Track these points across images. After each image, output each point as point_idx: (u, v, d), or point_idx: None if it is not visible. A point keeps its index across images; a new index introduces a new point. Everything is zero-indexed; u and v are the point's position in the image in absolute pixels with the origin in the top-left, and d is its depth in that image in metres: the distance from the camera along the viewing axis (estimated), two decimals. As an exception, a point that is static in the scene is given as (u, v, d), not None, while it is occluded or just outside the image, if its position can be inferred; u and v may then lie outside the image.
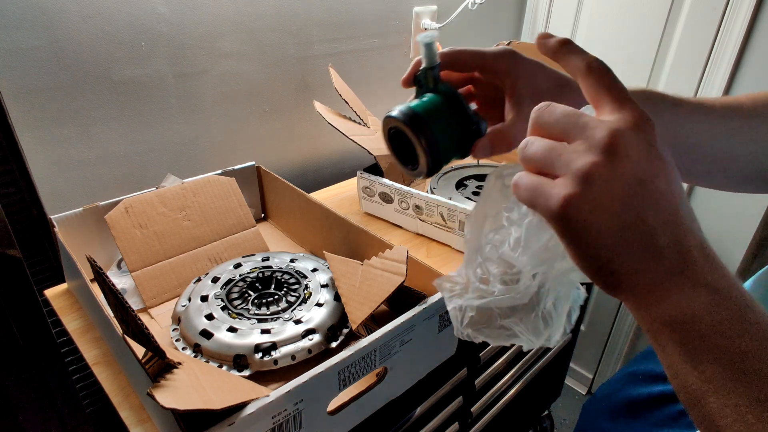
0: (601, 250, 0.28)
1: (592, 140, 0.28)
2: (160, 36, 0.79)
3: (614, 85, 0.29)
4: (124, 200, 0.69)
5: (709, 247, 0.28)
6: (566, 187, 0.27)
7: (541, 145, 0.29)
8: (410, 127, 0.36)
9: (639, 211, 0.27)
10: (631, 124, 0.28)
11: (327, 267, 0.70)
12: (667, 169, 0.28)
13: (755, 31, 1.02)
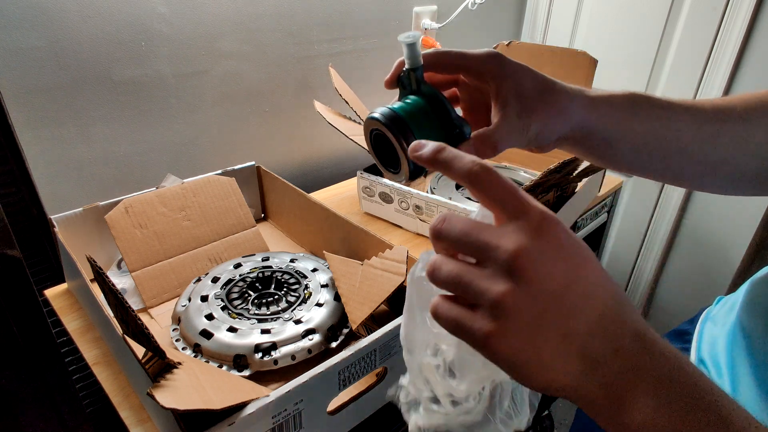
0: (538, 375, 0.27)
1: (496, 265, 0.26)
2: (160, 36, 0.79)
3: (502, 188, 0.27)
4: (124, 200, 0.69)
5: (644, 333, 0.27)
6: (484, 323, 0.26)
7: (448, 273, 0.28)
8: (392, 130, 0.34)
9: (563, 329, 0.26)
10: (533, 231, 0.26)
11: (327, 267, 0.70)
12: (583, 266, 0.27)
13: (755, 31, 1.02)
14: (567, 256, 0.26)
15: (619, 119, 0.42)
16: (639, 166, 0.45)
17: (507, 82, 0.38)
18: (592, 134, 0.42)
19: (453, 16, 1.13)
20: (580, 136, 0.42)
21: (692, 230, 1.26)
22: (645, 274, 1.38)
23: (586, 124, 0.41)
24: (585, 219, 0.99)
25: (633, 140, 0.43)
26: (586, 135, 0.42)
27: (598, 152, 0.44)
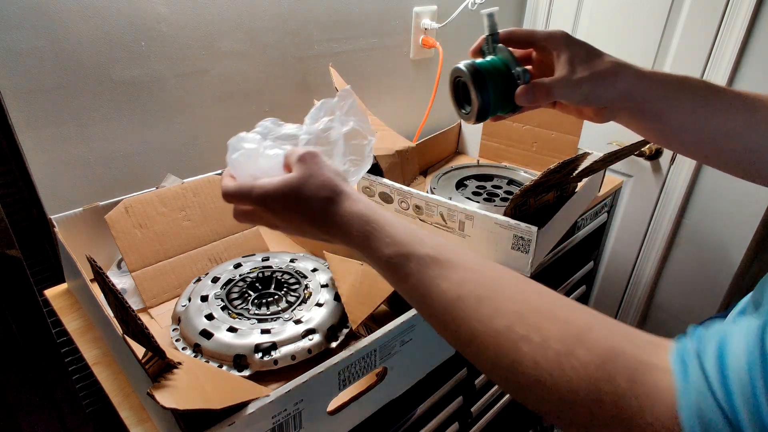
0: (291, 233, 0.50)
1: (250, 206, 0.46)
2: (160, 36, 0.79)
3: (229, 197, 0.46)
4: (124, 200, 0.69)
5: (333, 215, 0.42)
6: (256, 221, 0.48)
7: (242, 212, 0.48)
8: (472, 80, 0.46)
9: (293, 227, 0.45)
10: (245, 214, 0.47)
11: (327, 267, 0.70)
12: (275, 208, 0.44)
13: (755, 31, 1.02)
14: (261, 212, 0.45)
15: (667, 94, 0.47)
16: (689, 144, 0.50)
17: (564, 51, 0.47)
18: (641, 105, 0.47)
19: (453, 16, 1.13)
20: (631, 105, 0.47)
21: (692, 230, 1.26)
22: (645, 274, 1.38)
23: (634, 94, 0.47)
24: (585, 219, 0.99)
25: (681, 116, 0.47)
26: (635, 105, 0.47)
27: (649, 125, 0.49)
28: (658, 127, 0.49)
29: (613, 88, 0.46)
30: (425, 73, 1.22)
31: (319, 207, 0.42)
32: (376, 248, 0.40)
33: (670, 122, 0.48)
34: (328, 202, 0.42)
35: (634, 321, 1.45)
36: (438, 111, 1.31)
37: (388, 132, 0.95)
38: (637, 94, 0.47)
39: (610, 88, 0.46)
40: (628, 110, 0.48)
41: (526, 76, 0.46)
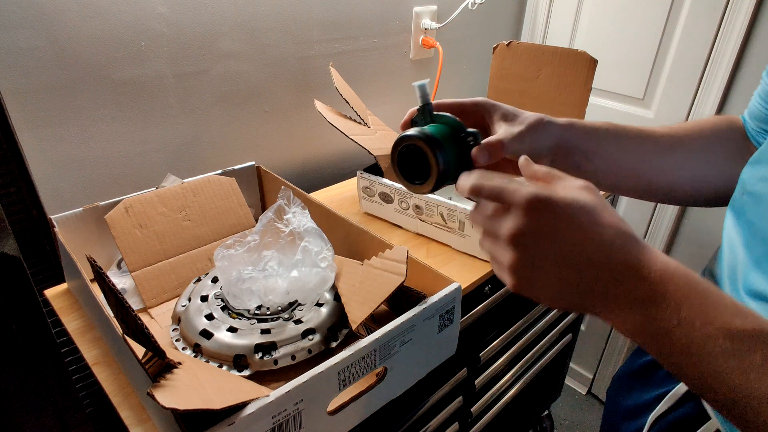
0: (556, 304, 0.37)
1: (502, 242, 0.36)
2: (160, 36, 0.79)
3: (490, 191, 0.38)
4: (124, 200, 0.69)
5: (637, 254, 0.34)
6: (508, 280, 0.37)
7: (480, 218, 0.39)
8: (429, 146, 0.43)
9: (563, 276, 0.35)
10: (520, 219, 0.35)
11: (327, 267, 0.70)
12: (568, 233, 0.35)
13: (755, 31, 1.02)
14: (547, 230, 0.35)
15: (591, 136, 0.51)
16: (615, 182, 0.54)
17: (496, 112, 0.49)
18: (572, 149, 0.51)
19: (453, 16, 1.13)
20: (564, 150, 0.50)
21: (692, 230, 1.26)
22: (645, 274, 1.37)
23: (565, 138, 0.50)
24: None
25: (605, 159, 0.52)
26: (568, 149, 0.50)
27: (581, 167, 0.52)
28: (590, 168, 0.52)
29: (548, 135, 0.49)
30: (425, 73, 1.22)
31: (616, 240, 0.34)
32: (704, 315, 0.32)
33: (597, 163, 0.52)
34: (630, 240, 0.35)
35: (634, 321, 1.45)
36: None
37: (388, 132, 0.95)
38: (568, 139, 0.50)
39: (546, 136, 0.49)
40: (562, 155, 0.51)
41: (479, 137, 0.45)
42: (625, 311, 0.34)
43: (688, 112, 1.16)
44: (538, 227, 0.34)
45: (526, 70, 0.98)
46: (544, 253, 0.35)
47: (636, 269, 0.34)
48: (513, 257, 0.36)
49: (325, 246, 0.63)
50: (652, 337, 0.34)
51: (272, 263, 0.63)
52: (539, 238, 0.35)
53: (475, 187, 0.39)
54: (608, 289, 0.34)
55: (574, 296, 0.35)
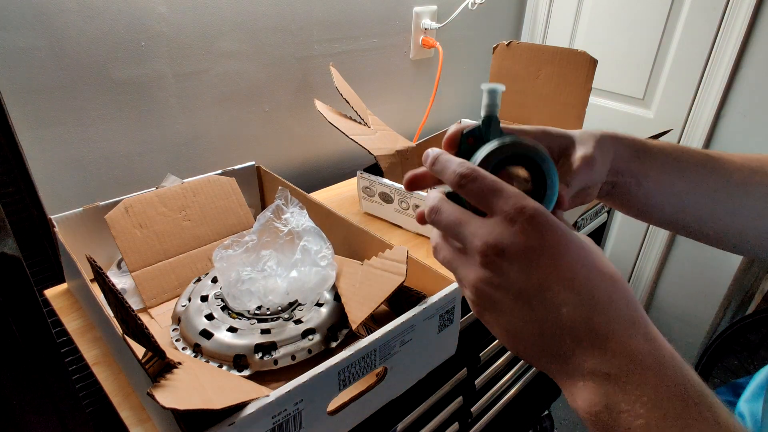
0: (507, 344, 0.31)
1: (473, 256, 0.30)
2: (160, 36, 0.79)
3: (480, 189, 0.30)
4: (124, 200, 0.69)
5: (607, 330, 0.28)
6: (467, 294, 0.32)
7: (443, 258, 0.33)
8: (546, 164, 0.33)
9: (524, 314, 0.29)
10: (503, 229, 0.29)
11: (327, 267, 0.70)
12: (547, 265, 0.28)
13: (755, 31, 1.02)
14: (529, 254, 0.28)
15: (648, 155, 0.42)
16: (671, 215, 0.45)
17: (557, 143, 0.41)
18: (622, 169, 0.42)
19: (453, 16, 1.13)
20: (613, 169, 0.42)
21: (692, 230, 1.26)
22: (645, 274, 1.38)
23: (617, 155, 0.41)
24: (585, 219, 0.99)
25: (664, 185, 0.43)
26: (617, 169, 0.42)
27: (630, 191, 0.43)
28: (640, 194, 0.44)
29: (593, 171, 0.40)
30: (425, 73, 1.22)
31: (604, 284, 0.28)
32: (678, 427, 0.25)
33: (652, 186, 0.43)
34: (624, 294, 0.29)
35: (634, 321, 1.45)
36: (438, 111, 1.31)
37: (388, 132, 0.95)
38: (621, 154, 0.42)
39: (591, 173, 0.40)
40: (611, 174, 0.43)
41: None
42: (584, 383, 0.28)
43: (688, 112, 1.16)
44: (525, 247, 0.28)
45: (526, 70, 0.98)
46: (516, 284, 0.29)
47: (617, 337, 0.27)
48: (481, 275, 0.30)
49: (324, 245, 0.63)
50: (604, 429, 0.27)
51: (271, 263, 0.63)
52: (515, 261, 0.28)
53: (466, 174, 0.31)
54: (573, 351, 0.28)
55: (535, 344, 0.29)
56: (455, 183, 0.31)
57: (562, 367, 0.29)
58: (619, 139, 0.41)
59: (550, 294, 0.28)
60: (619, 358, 0.27)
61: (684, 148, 0.43)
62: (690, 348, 1.37)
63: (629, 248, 1.39)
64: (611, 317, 0.28)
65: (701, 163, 0.43)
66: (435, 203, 0.33)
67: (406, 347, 0.57)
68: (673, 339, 1.40)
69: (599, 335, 0.27)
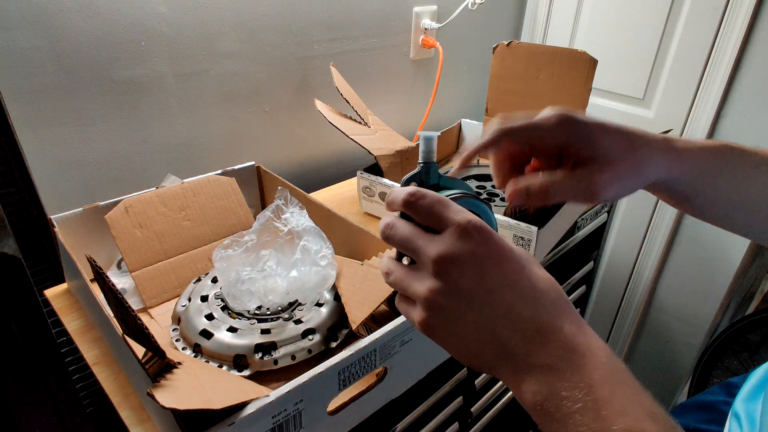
0: (464, 356, 0.33)
1: (425, 267, 0.32)
2: (160, 36, 0.79)
3: (428, 209, 0.33)
4: (124, 200, 0.69)
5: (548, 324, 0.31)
6: (418, 314, 0.33)
7: (395, 278, 0.35)
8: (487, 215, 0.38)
9: (474, 318, 0.31)
10: (452, 240, 0.31)
11: (327, 267, 0.70)
12: (493, 267, 0.31)
13: (755, 31, 1.02)
14: (477, 259, 0.31)
15: (704, 174, 0.41)
16: (719, 218, 0.45)
17: (583, 146, 0.38)
18: (673, 187, 0.41)
19: (453, 16, 1.13)
20: (659, 187, 0.42)
21: (692, 230, 1.26)
22: (645, 274, 1.38)
23: (668, 178, 0.40)
24: (585, 219, 0.99)
25: (715, 195, 0.42)
26: (666, 187, 0.42)
27: (676, 201, 0.44)
28: (687, 204, 0.44)
29: (645, 178, 0.39)
30: (425, 73, 1.22)
31: (543, 285, 0.32)
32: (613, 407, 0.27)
33: (701, 202, 0.43)
34: (563, 300, 0.32)
35: (634, 321, 1.45)
36: (438, 111, 1.31)
37: (388, 132, 0.95)
38: (671, 178, 0.40)
39: (639, 180, 0.39)
40: (652, 189, 0.43)
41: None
42: (530, 376, 0.30)
43: (688, 112, 1.16)
44: (475, 254, 0.31)
45: (526, 70, 0.98)
46: (468, 289, 0.31)
47: (558, 331, 0.30)
48: (433, 285, 0.32)
49: (324, 245, 0.63)
50: (548, 417, 0.29)
51: (270, 263, 0.63)
52: (467, 267, 0.31)
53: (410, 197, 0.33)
54: (520, 347, 0.30)
55: (486, 348, 0.32)
56: (405, 202, 0.34)
57: (511, 365, 0.31)
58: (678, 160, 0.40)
59: (500, 296, 0.31)
60: (560, 350, 0.30)
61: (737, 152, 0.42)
62: (690, 348, 1.37)
63: (629, 248, 1.39)
64: (553, 314, 0.31)
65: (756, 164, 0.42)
66: (390, 220, 0.35)
67: (406, 347, 0.57)
68: (673, 339, 1.40)
69: (543, 331, 0.31)
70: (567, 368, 0.29)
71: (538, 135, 0.38)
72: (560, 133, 0.38)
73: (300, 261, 0.61)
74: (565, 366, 0.29)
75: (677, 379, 1.42)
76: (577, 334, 0.30)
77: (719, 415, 0.61)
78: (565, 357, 0.29)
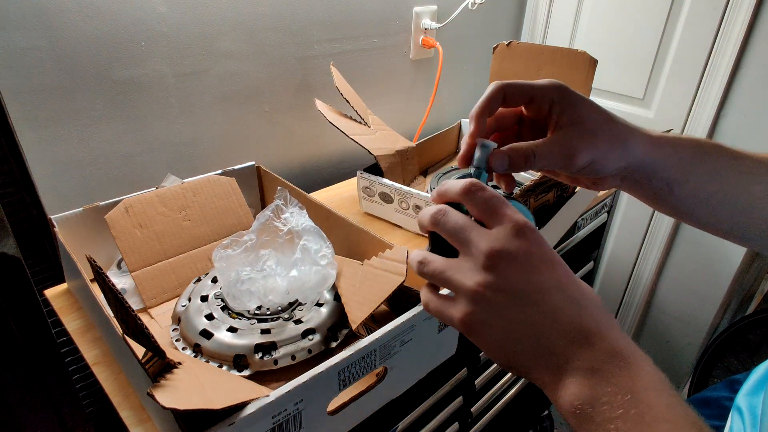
0: (497, 353, 0.33)
1: (475, 260, 0.32)
2: (160, 36, 0.79)
3: (486, 201, 0.33)
4: (124, 200, 0.69)
5: (595, 328, 0.31)
6: (461, 308, 0.33)
7: (433, 269, 0.34)
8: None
9: (522, 316, 0.31)
10: (506, 236, 0.32)
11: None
12: (545, 269, 0.32)
13: (755, 31, 1.02)
14: (531, 258, 0.32)
15: (683, 161, 0.41)
16: (703, 216, 0.45)
17: (567, 109, 0.39)
18: (653, 174, 0.41)
19: (453, 16, 1.13)
20: (639, 175, 0.41)
21: (692, 230, 1.26)
22: (645, 274, 1.38)
23: (646, 162, 0.41)
24: (585, 219, 0.99)
25: (697, 187, 0.42)
26: (645, 174, 0.41)
27: (658, 196, 0.43)
28: (670, 198, 0.43)
29: (624, 156, 0.40)
30: (425, 73, 1.22)
31: (586, 290, 0.33)
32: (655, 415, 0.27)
33: (682, 193, 0.42)
34: (603, 305, 0.33)
35: (634, 321, 1.45)
36: (438, 111, 1.31)
37: (388, 132, 0.95)
38: (650, 162, 0.41)
39: (619, 157, 0.40)
40: (633, 179, 0.42)
41: None
42: (571, 379, 0.30)
43: (688, 112, 1.16)
44: (529, 253, 0.32)
45: (526, 70, 0.98)
46: (519, 287, 0.31)
47: (603, 336, 0.30)
48: (483, 279, 0.32)
49: (324, 244, 0.63)
50: (587, 421, 0.29)
51: (270, 262, 0.63)
52: (520, 265, 0.31)
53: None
54: (564, 349, 0.30)
55: (527, 348, 0.32)
56: (463, 192, 0.34)
57: (551, 367, 0.31)
58: (660, 147, 0.41)
59: (549, 297, 0.31)
60: (604, 354, 0.30)
61: (711, 147, 0.42)
62: (690, 348, 1.37)
63: (629, 248, 1.39)
64: (596, 318, 0.31)
65: (730, 158, 0.42)
66: (441, 207, 0.35)
67: (406, 347, 0.57)
68: (673, 339, 1.40)
69: (587, 334, 0.31)
70: (611, 372, 0.29)
71: (531, 93, 0.40)
72: (550, 94, 0.39)
73: (300, 260, 0.61)
74: (609, 370, 0.29)
75: (677, 379, 1.42)
76: (620, 339, 0.31)
77: (722, 410, 0.62)
78: (610, 361, 0.29)
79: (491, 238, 0.32)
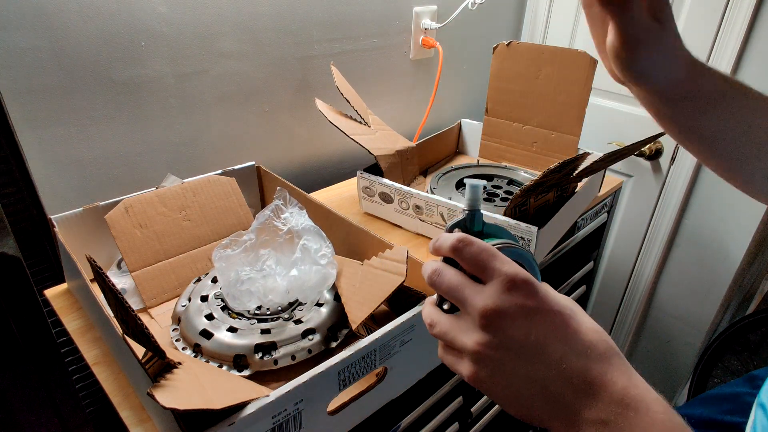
0: (513, 407, 0.33)
1: (471, 318, 0.33)
2: (160, 36, 0.79)
3: (477, 257, 0.33)
4: (124, 200, 0.69)
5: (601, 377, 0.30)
6: (467, 367, 0.33)
7: (440, 330, 0.35)
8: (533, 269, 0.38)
9: (525, 371, 0.31)
10: (501, 292, 0.32)
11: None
12: (542, 320, 0.32)
13: (755, 31, 1.02)
14: (526, 312, 0.32)
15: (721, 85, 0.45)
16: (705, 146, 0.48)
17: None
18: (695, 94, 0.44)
19: (453, 16, 1.13)
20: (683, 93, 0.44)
21: (692, 230, 1.26)
22: (645, 274, 1.38)
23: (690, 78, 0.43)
24: (585, 219, 0.99)
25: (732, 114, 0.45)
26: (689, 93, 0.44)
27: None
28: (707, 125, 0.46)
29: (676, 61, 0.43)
30: (425, 73, 1.22)
31: (593, 337, 0.32)
32: None
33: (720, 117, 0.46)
34: (613, 352, 0.32)
35: (634, 321, 1.45)
36: (438, 111, 1.31)
37: (388, 132, 0.96)
38: (694, 79, 0.44)
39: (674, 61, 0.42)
40: (677, 98, 0.45)
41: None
42: (584, 431, 0.30)
43: (688, 112, 1.16)
44: (524, 308, 0.32)
45: (526, 70, 0.98)
46: (518, 343, 0.31)
47: (610, 385, 0.30)
48: (481, 338, 0.32)
49: (324, 244, 0.63)
50: None
51: (269, 262, 0.63)
52: (515, 321, 0.31)
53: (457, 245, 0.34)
54: (573, 401, 0.30)
55: (537, 402, 0.32)
56: (452, 248, 0.34)
57: (564, 420, 0.31)
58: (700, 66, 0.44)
59: (550, 350, 0.31)
60: (613, 405, 0.29)
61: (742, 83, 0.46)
62: (690, 348, 1.37)
63: (629, 248, 1.39)
64: (604, 367, 0.31)
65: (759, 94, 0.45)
66: (437, 266, 0.35)
67: (406, 347, 0.57)
68: (673, 339, 1.40)
69: (595, 385, 0.30)
70: (623, 426, 0.29)
71: None
72: None
73: (300, 260, 0.61)
74: (620, 422, 0.29)
75: (677, 379, 1.42)
76: (629, 387, 0.30)
77: (742, 405, 0.62)
78: (619, 412, 0.29)
79: (484, 296, 0.32)
